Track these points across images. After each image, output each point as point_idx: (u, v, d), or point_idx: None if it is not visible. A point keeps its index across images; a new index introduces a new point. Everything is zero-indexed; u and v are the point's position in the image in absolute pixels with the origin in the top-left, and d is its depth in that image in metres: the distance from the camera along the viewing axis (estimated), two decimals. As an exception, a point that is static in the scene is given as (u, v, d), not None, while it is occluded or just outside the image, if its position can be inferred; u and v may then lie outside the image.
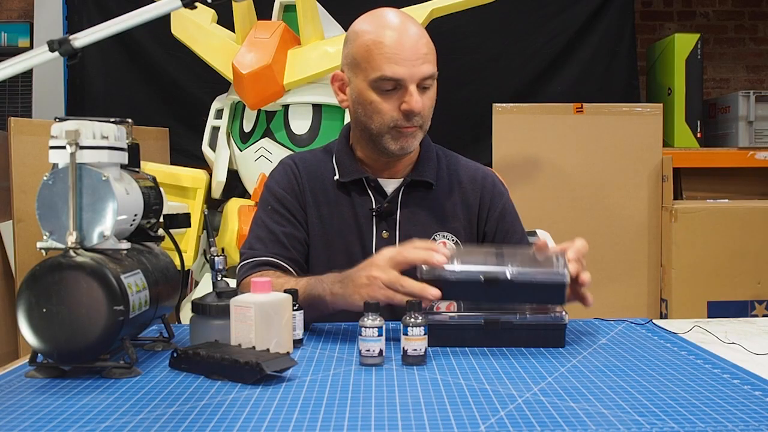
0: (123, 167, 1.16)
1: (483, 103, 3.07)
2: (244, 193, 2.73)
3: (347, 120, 2.34)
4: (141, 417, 0.89)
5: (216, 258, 1.26)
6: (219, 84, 2.87)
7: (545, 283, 1.18)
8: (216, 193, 2.69)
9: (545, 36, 3.40)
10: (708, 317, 2.74)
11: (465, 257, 1.22)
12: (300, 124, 2.57)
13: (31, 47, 3.47)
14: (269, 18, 2.72)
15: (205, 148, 2.78)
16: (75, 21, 3.36)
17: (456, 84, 3.28)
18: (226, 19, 2.71)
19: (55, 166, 1.10)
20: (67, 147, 1.06)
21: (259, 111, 2.60)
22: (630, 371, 1.07)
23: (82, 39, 1.21)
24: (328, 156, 1.58)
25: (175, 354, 1.11)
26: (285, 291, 1.20)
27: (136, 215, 1.16)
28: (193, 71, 3.24)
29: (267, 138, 2.59)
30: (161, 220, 1.28)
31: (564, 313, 1.22)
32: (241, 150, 2.65)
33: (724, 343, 1.24)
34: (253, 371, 1.01)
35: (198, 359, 1.08)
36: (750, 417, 0.87)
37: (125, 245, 1.10)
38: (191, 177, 2.56)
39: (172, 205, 1.34)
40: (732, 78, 3.84)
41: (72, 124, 1.08)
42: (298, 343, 1.23)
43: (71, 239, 1.05)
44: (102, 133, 1.10)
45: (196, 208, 2.52)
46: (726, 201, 3.03)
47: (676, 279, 2.89)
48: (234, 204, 2.62)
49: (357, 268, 1.28)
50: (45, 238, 1.09)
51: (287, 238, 1.50)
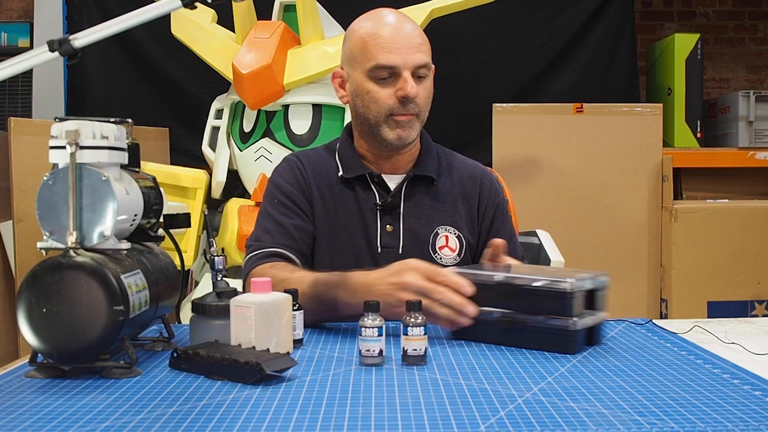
0: (123, 167, 1.16)
1: (483, 103, 3.07)
2: (244, 193, 2.73)
3: (347, 120, 2.34)
4: (141, 417, 0.89)
5: (216, 258, 1.26)
6: (219, 84, 2.87)
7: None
8: (216, 193, 2.69)
9: (545, 36, 3.41)
10: (708, 317, 2.74)
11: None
12: (300, 124, 2.57)
13: (31, 47, 3.47)
14: (269, 18, 2.72)
15: (205, 148, 2.78)
16: (75, 21, 3.36)
17: (456, 84, 3.28)
18: (226, 19, 2.71)
19: (55, 166, 1.10)
20: (67, 147, 1.06)
21: (259, 111, 2.60)
22: (630, 371, 1.07)
23: (82, 39, 1.21)
24: (330, 153, 1.60)
25: (175, 354, 1.11)
26: (285, 291, 1.20)
27: (136, 215, 1.16)
28: (193, 71, 3.24)
29: (267, 138, 2.59)
30: (161, 220, 1.28)
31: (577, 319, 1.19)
32: (241, 150, 2.65)
33: (724, 343, 1.24)
34: (253, 371, 1.01)
35: (198, 359, 1.08)
36: (750, 417, 0.87)
37: (125, 245, 1.10)
38: (191, 177, 2.56)
39: (172, 205, 1.34)
40: (732, 78, 3.84)
41: (72, 124, 1.08)
42: (298, 343, 1.23)
43: (71, 239, 1.05)
44: (102, 133, 1.10)
45: (196, 208, 2.52)
46: (726, 201, 3.03)
47: (676, 279, 2.89)
48: (234, 204, 2.62)
49: (378, 276, 1.27)
50: (45, 238, 1.09)
51: (295, 229, 1.51)
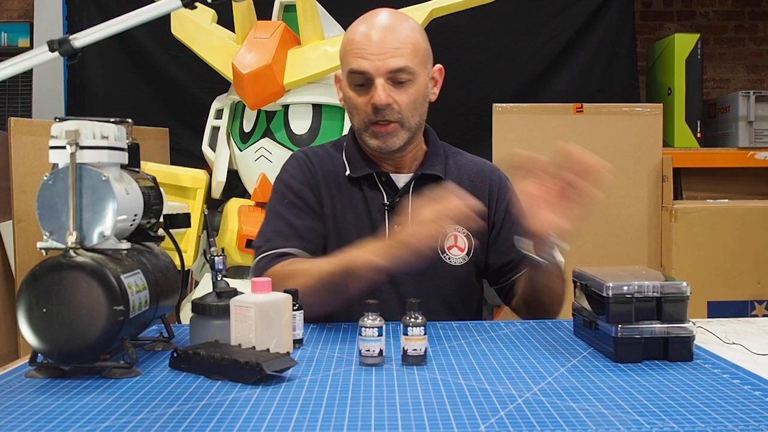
0: (123, 167, 1.16)
1: (483, 103, 3.07)
2: (244, 193, 2.73)
3: (348, 120, 2.34)
4: (141, 417, 0.89)
5: (216, 258, 1.26)
6: (219, 84, 2.86)
7: None
8: (216, 193, 2.69)
9: (545, 36, 3.40)
10: (708, 317, 2.74)
11: None
12: (300, 124, 2.57)
13: (31, 47, 3.47)
14: (269, 18, 2.72)
15: (205, 148, 2.78)
16: (75, 21, 3.36)
17: (456, 84, 3.28)
18: (226, 19, 2.70)
19: (55, 166, 1.10)
20: (67, 147, 1.06)
21: (259, 111, 2.60)
22: (630, 371, 1.07)
23: (82, 39, 1.21)
24: (338, 151, 1.59)
25: (175, 354, 1.11)
26: (285, 291, 1.20)
27: (136, 215, 1.16)
28: (193, 71, 3.24)
29: (267, 138, 2.59)
30: (161, 220, 1.28)
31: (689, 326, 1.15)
32: (241, 150, 2.65)
33: (724, 343, 1.24)
34: (253, 371, 1.01)
35: (198, 359, 1.08)
36: (750, 417, 0.87)
37: (125, 245, 1.10)
38: (191, 177, 2.56)
39: (172, 205, 1.34)
40: (732, 78, 3.84)
41: (72, 124, 1.08)
42: (298, 343, 1.23)
43: (71, 239, 1.05)
44: (102, 133, 1.10)
45: (196, 208, 2.52)
46: (726, 201, 3.03)
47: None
48: (234, 204, 2.62)
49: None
50: (45, 238, 1.09)
51: (308, 231, 1.49)
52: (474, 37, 3.38)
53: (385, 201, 1.52)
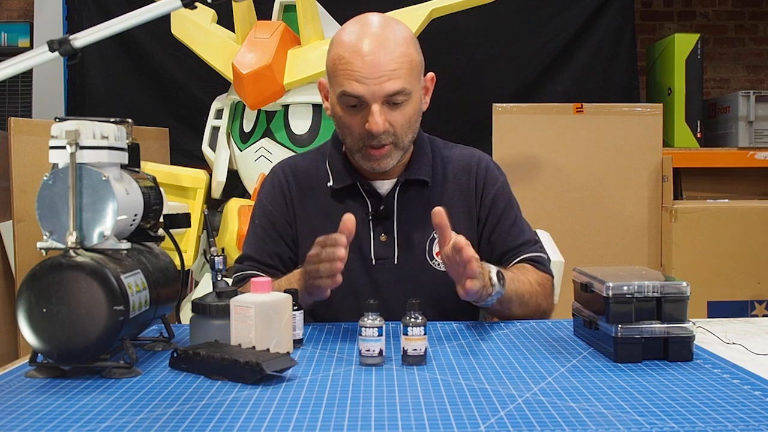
0: (123, 167, 1.16)
1: (483, 103, 3.07)
2: (244, 193, 2.73)
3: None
4: (141, 417, 0.89)
5: (216, 258, 1.26)
6: (219, 84, 2.87)
7: None
8: (216, 193, 2.69)
9: (545, 36, 3.40)
10: (708, 317, 2.74)
11: None
12: (300, 124, 2.57)
13: (31, 47, 3.47)
14: (269, 18, 2.72)
15: (205, 148, 2.78)
16: (75, 21, 3.36)
17: (456, 84, 3.28)
18: (226, 19, 2.71)
19: (55, 166, 1.10)
20: (67, 147, 1.06)
21: (259, 111, 2.60)
22: (630, 371, 1.07)
23: (82, 39, 1.21)
24: (322, 159, 1.55)
25: (175, 354, 1.11)
26: (286, 291, 1.20)
27: (136, 215, 1.16)
28: (193, 71, 3.24)
29: (267, 138, 2.59)
30: (161, 220, 1.28)
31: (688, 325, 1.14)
32: (241, 150, 2.65)
33: (724, 343, 1.24)
34: (253, 371, 1.01)
35: (198, 359, 1.08)
36: (750, 417, 0.87)
37: (125, 245, 1.10)
38: (191, 177, 2.56)
39: (172, 205, 1.34)
40: (732, 78, 3.84)
41: (72, 124, 1.08)
42: (298, 343, 1.23)
43: (71, 239, 1.05)
44: (102, 133, 1.10)
45: (196, 208, 2.52)
46: (726, 201, 3.03)
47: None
48: (234, 204, 2.62)
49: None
50: (45, 238, 1.09)
51: (271, 257, 1.52)
52: (474, 37, 3.38)
53: (369, 210, 1.49)
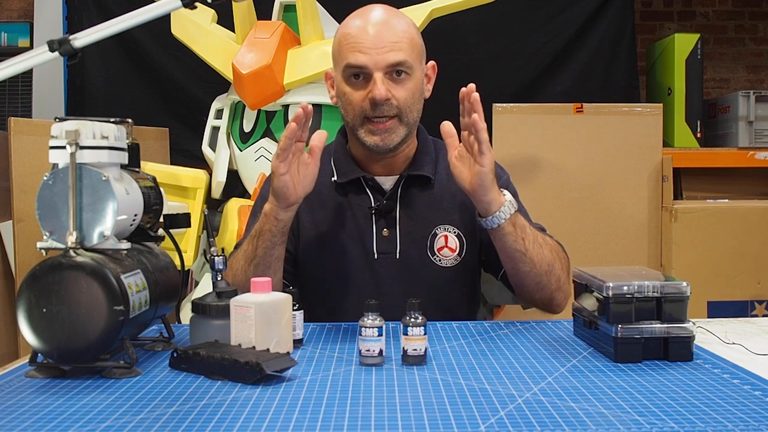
0: (123, 167, 1.16)
1: (483, 103, 3.06)
2: (244, 193, 2.73)
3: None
4: (141, 417, 0.89)
5: (216, 258, 1.26)
6: (219, 84, 2.86)
7: None
8: (216, 193, 2.69)
9: (545, 36, 3.40)
10: (708, 317, 2.74)
11: None
12: (300, 124, 2.57)
13: (31, 47, 3.46)
14: (269, 18, 2.72)
15: (205, 148, 2.78)
16: (75, 21, 3.35)
17: (456, 84, 3.26)
18: (226, 19, 2.70)
19: (55, 166, 1.10)
20: (67, 147, 1.06)
21: (259, 111, 2.60)
22: (630, 371, 1.07)
23: (82, 39, 1.21)
24: (326, 156, 1.56)
25: (175, 354, 1.11)
26: (285, 291, 1.20)
27: (136, 215, 1.16)
28: (193, 71, 3.24)
29: (267, 138, 2.59)
30: (161, 220, 1.28)
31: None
32: (241, 150, 2.65)
33: (724, 343, 1.24)
34: (253, 371, 1.01)
35: (198, 359, 1.08)
36: (750, 417, 0.87)
37: (125, 245, 1.10)
38: (191, 177, 2.56)
39: (172, 205, 1.34)
40: (732, 78, 3.84)
41: (72, 124, 1.08)
42: (298, 343, 1.23)
43: (71, 239, 1.05)
44: (102, 133, 1.10)
45: (196, 208, 2.52)
46: (726, 201, 3.03)
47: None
48: (234, 204, 2.62)
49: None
50: (45, 238, 1.09)
51: None
52: (474, 37, 3.38)
53: (372, 204, 1.50)
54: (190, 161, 3.07)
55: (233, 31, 2.68)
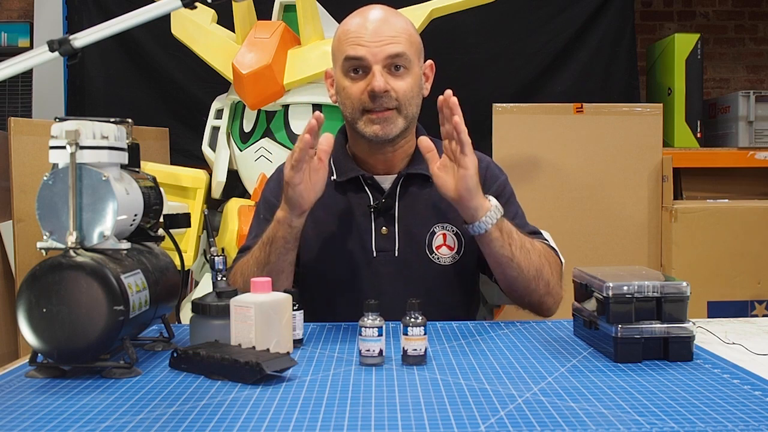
0: (123, 167, 1.16)
1: (483, 103, 3.07)
2: (244, 193, 2.73)
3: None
4: (141, 417, 0.89)
5: (216, 258, 1.26)
6: (219, 84, 2.86)
7: None
8: (216, 193, 2.69)
9: (545, 36, 3.40)
10: (708, 317, 2.74)
11: None
12: (300, 124, 2.57)
13: (31, 47, 3.46)
14: (269, 18, 2.72)
15: (205, 148, 2.78)
16: (75, 21, 3.35)
17: (456, 84, 3.26)
18: (226, 19, 2.70)
19: (55, 166, 1.10)
20: (67, 147, 1.06)
21: (259, 111, 2.60)
22: (630, 371, 1.07)
23: (82, 39, 1.21)
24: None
25: (175, 354, 1.11)
26: (285, 291, 1.20)
27: (136, 215, 1.16)
28: (193, 71, 3.24)
29: (267, 138, 2.59)
30: (161, 220, 1.28)
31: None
32: (241, 150, 2.65)
33: (724, 343, 1.24)
34: (253, 371, 1.01)
35: (198, 359, 1.08)
36: (750, 417, 0.87)
37: (125, 245, 1.10)
38: (191, 177, 2.56)
39: (172, 205, 1.34)
40: (732, 78, 3.84)
41: (72, 124, 1.08)
42: (298, 343, 1.23)
43: (71, 239, 1.06)
44: (102, 133, 1.10)
45: (196, 208, 2.52)
46: (726, 201, 3.03)
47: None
48: (234, 204, 2.62)
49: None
50: (45, 238, 1.09)
51: None
52: (474, 37, 3.38)
53: (371, 203, 1.51)
54: (190, 161, 3.07)
55: (233, 31, 2.68)
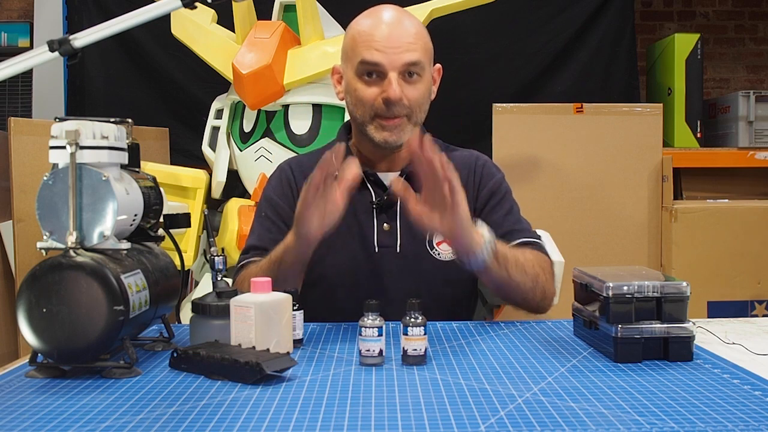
0: (123, 167, 1.16)
1: (483, 103, 3.07)
2: (244, 193, 2.73)
3: (347, 119, 2.34)
4: (141, 417, 0.89)
5: (216, 258, 1.26)
6: (219, 84, 2.87)
7: None
8: (216, 193, 2.69)
9: (545, 36, 3.40)
10: (708, 317, 2.74)
11: None
12: (300, 124, 2.57)
13: (31, 47, 3.46)
14: (269, 18, 2.72)
15: (205, 148, 2.78)
16: (75, 21, 3.36)
17: (456, 84, 3.28)
18: (226, 19, 2.71)
19: (55, 166, 1.10)
20: (67, 147, 1.06)
21: (259, 111, 2.60)
22: (630, 371, 1.07)
23: (82, 39, 1.22)
24: (328, 153, 1.58)
25: (175, 354, 1.11)
26: (285, 291, 1.20)
27: (136, 215, 1.16)
28: (193, 71, 3.24)
29: (267, 138, 2.59)
30: (161, 220, 1.28)
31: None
32: (241, 150, 2.65)
33: (724, 343, 1.24)
34: (253, 371, 1.01)
35: (198, 359, 1.08)
36: (750, 417, 0.87)
37: (125, 245, 1.10)
38: (191, 177, 2.56)
39: (172, 205, 1.34)
40: (732, 78, 3.84)
41: (72, 124, 1.08)
42: (298, 343, 1.23)
43: (71, 239, 1.05)
44: (102, 133, 1.10)
45: (196, 208, 2.52)
46: (726, 201, 3.03)
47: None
48: (234, 204, 2.62)
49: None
50: (45, 238, 1.09)
51: (272, 245, 1.49)
52: (474, 37, 3.38)
53: (374, 199, 1.52)
54: (190, 161, 3.07)
55: (233, 31, 2.68)
